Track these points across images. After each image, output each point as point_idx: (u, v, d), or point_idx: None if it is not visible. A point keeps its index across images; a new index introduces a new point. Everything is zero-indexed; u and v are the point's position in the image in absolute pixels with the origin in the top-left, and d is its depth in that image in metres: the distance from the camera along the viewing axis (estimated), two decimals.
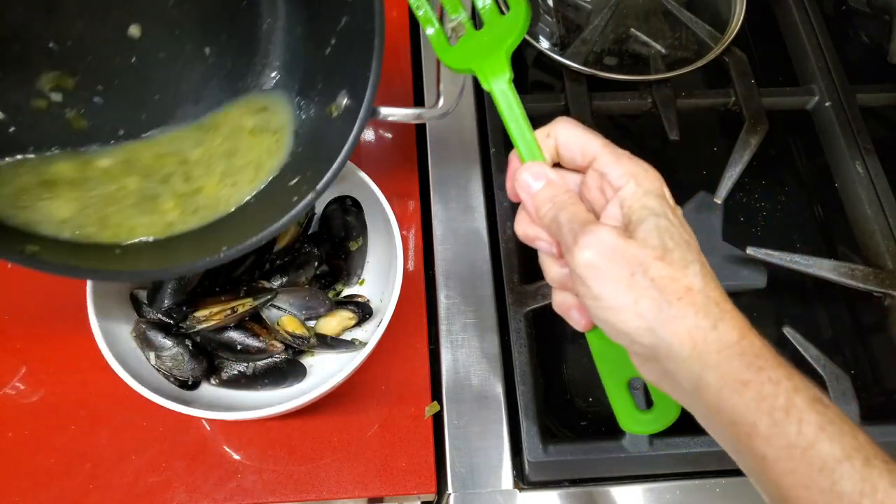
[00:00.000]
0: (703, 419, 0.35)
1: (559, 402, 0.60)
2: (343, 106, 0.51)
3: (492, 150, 0.68)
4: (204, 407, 0.50)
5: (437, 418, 0.58)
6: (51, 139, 0.49)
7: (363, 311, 0.58)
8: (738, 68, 0.74)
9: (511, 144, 0.41)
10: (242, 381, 0.55)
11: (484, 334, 0.61)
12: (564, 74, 0.72)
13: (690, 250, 0.35)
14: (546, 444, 0.53)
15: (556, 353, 0.63)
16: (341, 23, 0.50)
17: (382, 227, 0.58)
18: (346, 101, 0.51)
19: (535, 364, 0.57)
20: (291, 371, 0.55)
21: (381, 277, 0.60)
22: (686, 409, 0.37)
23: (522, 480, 0.55)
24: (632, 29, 0.79)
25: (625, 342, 0.35)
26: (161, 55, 0.51)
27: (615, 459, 0.54)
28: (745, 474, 0.34)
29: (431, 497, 0.56)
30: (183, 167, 0.52)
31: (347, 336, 0.58)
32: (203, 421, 0.58)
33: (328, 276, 0.61)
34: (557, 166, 0.40)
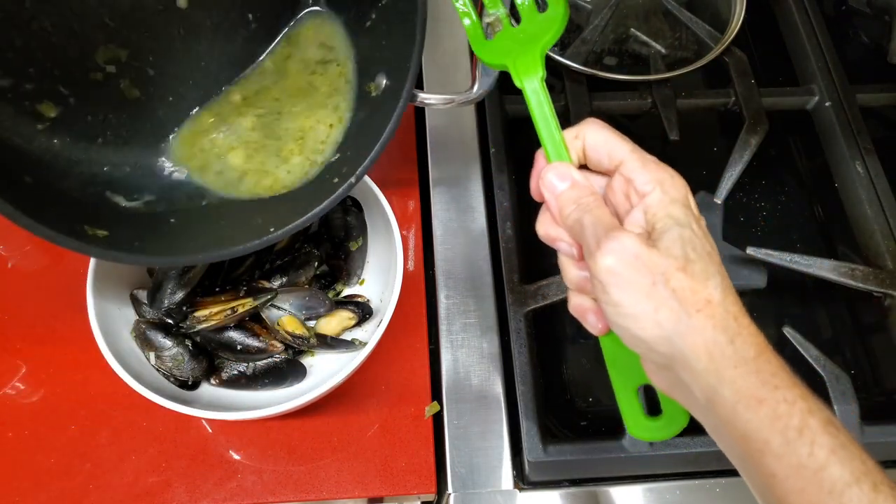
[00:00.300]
0: (713, 430, 0.35)
1: (559, 402, 0.60)
2: (383, 86, 0.50)
3: (492, 150, 0.67)
4: (204, 407, 0.50)
5: (437, 418, 0.58)
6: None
7: (363, 311, 0.58)
8: (738, 68, 0.74)
9: (538, 142, 0.40)
10: (242, 382, 0.55)
11: (484, 334, 0.61)
12: (564, 74, 0.72)
13: (712, 262, 0.35)
14: (546, 444, 0.53)
15: (556, 353, 0.63)
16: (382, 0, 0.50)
17: (382, 227, 0.58)
18: (385, 81, 0.50)
19: (535, 364, 0.57)
20: (291, 371, 0.55)
21: (381, 277, 0.60)
22: (694, 418, 0.37)
23: (522, 480, 0.55)
24: (632, 29, 0.79)
25: (641, 350, 0.35)
26: None
27: (615, 459, 0.54)
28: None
29: (431, 497, 0.56)
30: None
31: (347, 336, 0.58)
32: (203, 421, 0.58)
33: (328, 276, 0.61)
34: (583, 168, 0.40)
